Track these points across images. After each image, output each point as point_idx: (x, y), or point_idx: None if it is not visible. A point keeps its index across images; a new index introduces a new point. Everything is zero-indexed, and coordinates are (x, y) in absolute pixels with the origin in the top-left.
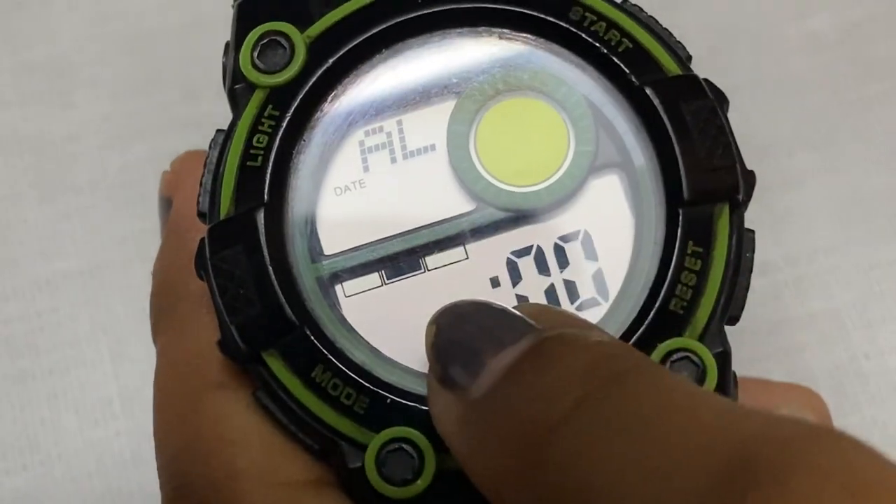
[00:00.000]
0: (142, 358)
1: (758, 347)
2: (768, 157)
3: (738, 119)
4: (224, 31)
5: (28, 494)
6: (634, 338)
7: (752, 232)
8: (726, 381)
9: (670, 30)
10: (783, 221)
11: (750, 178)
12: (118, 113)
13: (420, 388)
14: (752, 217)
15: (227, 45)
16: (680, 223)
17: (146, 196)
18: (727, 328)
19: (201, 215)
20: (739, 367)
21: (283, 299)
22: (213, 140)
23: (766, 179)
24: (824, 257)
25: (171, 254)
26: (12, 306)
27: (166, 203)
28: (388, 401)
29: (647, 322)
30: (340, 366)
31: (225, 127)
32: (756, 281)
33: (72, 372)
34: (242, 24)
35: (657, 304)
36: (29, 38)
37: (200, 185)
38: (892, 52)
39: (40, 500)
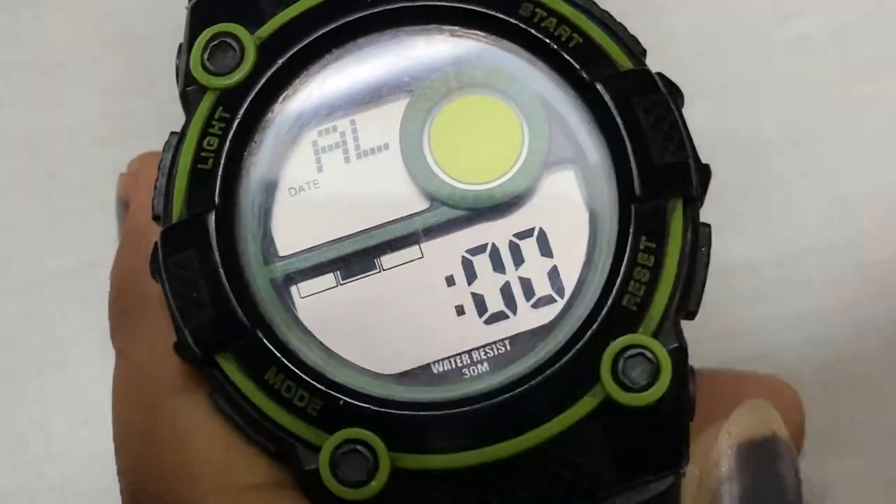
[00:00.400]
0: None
1: (743, 348)
2: (756, 157)
3: (726, 118)
4: None
5: (16, 494)
6: (587, 334)
7: (709, 226)
8: (681, 377)
9: (628, 28)
10: (770, 221)
11: (704, 172)
12: (109, 113)
13: (374, 389)
14: (739, 216)
15: (180, 46)
16: (632, 219)
17: None
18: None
19: (156, 218)
20: (725, 367)
21: (234, 302)
22: (166, 142)
23: (753, 179)
24: (811, 257)
25: (128, 257)
26: (2, 305)
27: (124, 205)
28: (342, 402)
29: (599, 319)
30: (293, 368)
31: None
32: (741, 281)
33: (61, 372)
34: (195, 25)
35: (610, 301)
36: (19, 37)
37: (155, 187)
38: (881, 53)
39: (28, 499)
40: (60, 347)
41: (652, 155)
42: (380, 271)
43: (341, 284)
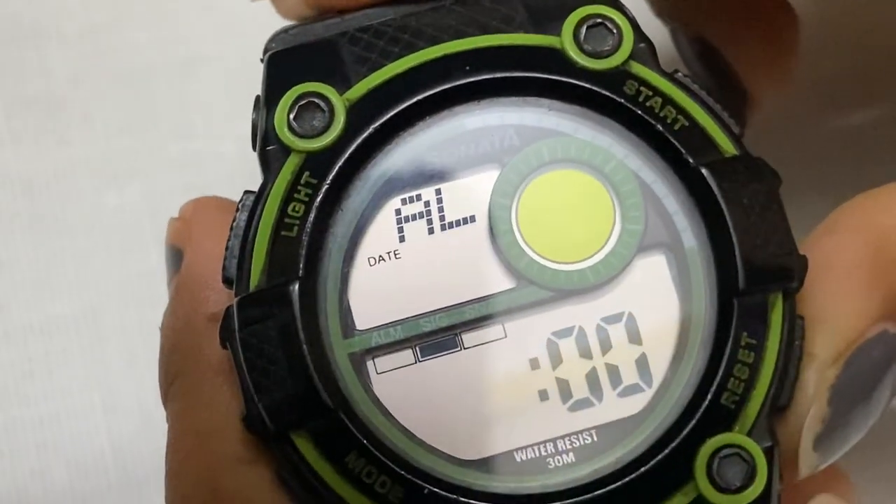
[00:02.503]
0: (134, 409)
1: None
2: None
3: None
4: (219, 68)
5: None
6: (684, 432)
7: (802, 318)
8: (773, 476)
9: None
10: None
11: (802, 263)
12: (112, 151)
13: (455, 476)
14: None
15: (256, 98)
16: (735, 314)
17: (142, 238)
18: None
19: (227, 281)
20: None
21: (317, 381)
22: (240, 202)
23: None
24: None
25: (183, 313)
26: (3, 351)
27: (174, 252)
28: (426, 491)
29: (697, 416)
30: (376, 452)
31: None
32: None
33: (63, 422)
34: (275, 79)
35: (708, 398)
36: (22, 74)
37: (227, 248)
38: None
39: None
40: (62, 397)
41: (757, 246)
42: (461, 350)
43: (420, 362)
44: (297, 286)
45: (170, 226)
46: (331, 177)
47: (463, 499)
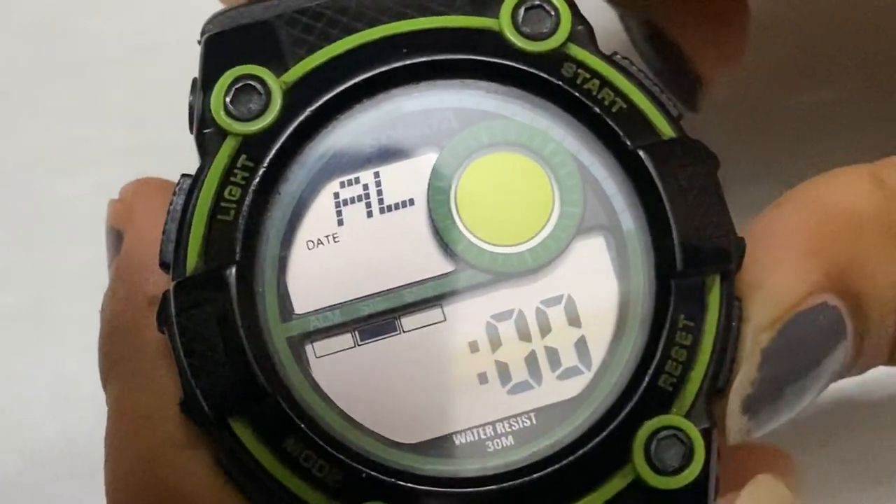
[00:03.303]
0: (85, 399)
1: None
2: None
3: None
4: (171, 57)
5: None
6: (622, 414)
7: (740, 300)
8: (711, 457)
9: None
10: None
11: (741, 246)
12: (64, 140)
13: (394, 460)
14: None
15: (193, 81)
16: (672, 295)
17: (93, 228)
18: None
19: (164, 265)
20: None
21: (254, 365)
22: (177, 185)
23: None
24: None
25: (123, 296)
26: None
27: (115, 234)
28: (364, 475)
29: (635, 398)
30: (314, 436)
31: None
32: None
33: (14, 412)
34: (211, 62)
35: (646, 380)
36: None
37: (164, 232)
38: None
39: None
40: (11, 387)
41: (694, 228)
42: (400, 333)
43: (359, 345)
44: (234, 270)
45: (110, 207)
46: (267, 160)
47: (401, 482)
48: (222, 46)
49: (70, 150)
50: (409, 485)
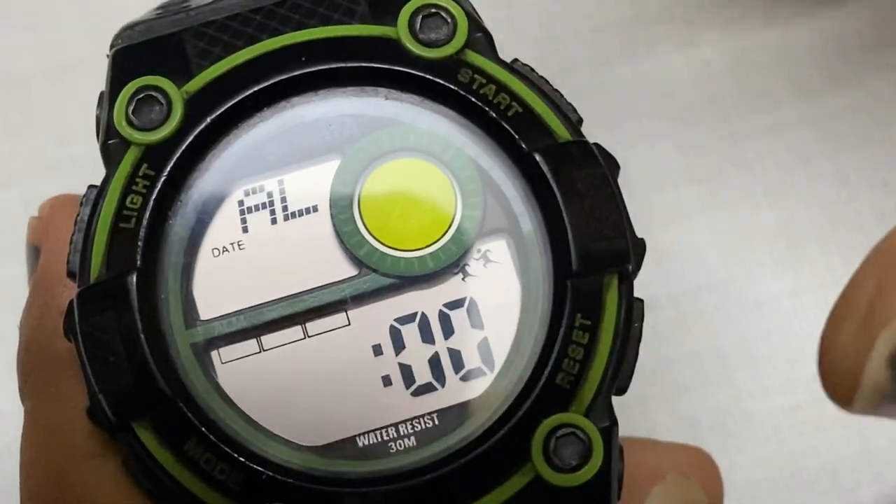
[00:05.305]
0: (15, 415)
1: (641, 388)
2: (654, 191)
3: (624, 152)
4: (100, 73)
5: None
6: (519, 412)
7: (642, 301)
8: (611, 456)
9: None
10: (668, 257)
11: (640, 246)
12: None
13: (296, 462)
14: None
15: (101, 95)
16: (568, 295)
17: (18, 243)
18: None
19: (71, 275)
20: (623, 409)
21: (154, 369)
22: (84, 196)
23: (651, 214)
24: (709, 294)
25: (38, 310)
26: None
27: (34, 251)
28: (264, 476)
29: (532, 397)
30: (214, 439)
31: (97, 180)
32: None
33: None
34: (118, 74)
35: (543, 379)
36: None
37: (71, 242)
38: (779, 83)
39: None
40: None
41: (590, 229)
42: (304, 338)
43: (264, 351)
44: (134, 277)
45: (29, 225)
46: (168, 168)
47: (299, 482)
48: (129, 59)
49: None
50: (310, 485)
